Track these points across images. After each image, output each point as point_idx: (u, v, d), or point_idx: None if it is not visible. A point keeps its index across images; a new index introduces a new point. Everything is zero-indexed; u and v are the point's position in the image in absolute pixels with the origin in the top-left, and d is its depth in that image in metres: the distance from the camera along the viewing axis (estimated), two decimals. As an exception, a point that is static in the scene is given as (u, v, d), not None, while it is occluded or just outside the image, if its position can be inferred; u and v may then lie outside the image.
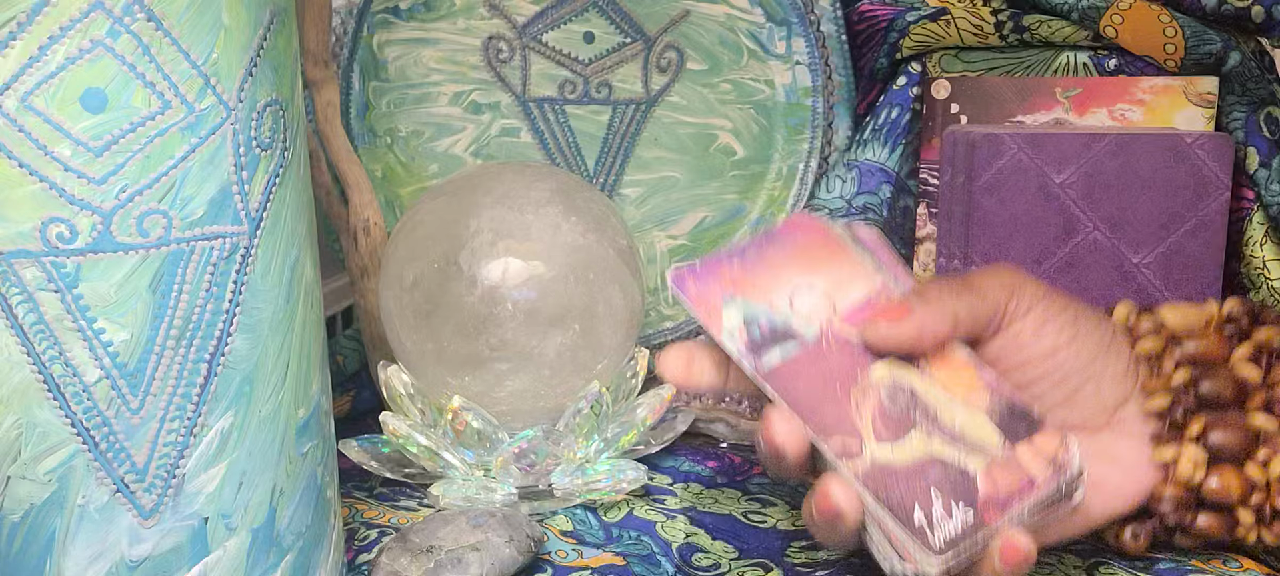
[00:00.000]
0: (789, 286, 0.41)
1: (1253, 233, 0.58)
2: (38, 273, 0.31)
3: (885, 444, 0.37)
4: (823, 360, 0.39)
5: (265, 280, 0.34)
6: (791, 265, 0.42)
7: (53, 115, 0.30)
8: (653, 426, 0.55)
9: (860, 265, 0.42)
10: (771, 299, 0.41)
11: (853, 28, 0.66)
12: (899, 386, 0.39)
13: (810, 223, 0.43)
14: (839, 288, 0.41)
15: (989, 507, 0.36)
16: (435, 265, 0.51)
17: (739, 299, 0.41)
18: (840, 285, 0.41)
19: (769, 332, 0.40)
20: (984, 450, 0.37)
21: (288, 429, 0.36)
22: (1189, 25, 0.58)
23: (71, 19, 0.30)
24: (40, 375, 0.32)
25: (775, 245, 0.42)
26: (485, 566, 0.42)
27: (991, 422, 0.38)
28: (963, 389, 0.39)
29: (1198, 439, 0.41)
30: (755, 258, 0.42)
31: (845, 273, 0.42)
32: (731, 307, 0.40)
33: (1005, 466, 0.37)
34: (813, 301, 0.41)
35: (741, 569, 0.45)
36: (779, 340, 0.40)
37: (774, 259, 0.42)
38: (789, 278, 0.41)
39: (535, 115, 0.66)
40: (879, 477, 0.36)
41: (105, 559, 0.33)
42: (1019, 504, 0.36)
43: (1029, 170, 0.58)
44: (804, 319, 0.40)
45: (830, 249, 0.42)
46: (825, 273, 0.42)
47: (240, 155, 0.33)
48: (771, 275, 0.42)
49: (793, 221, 0.44)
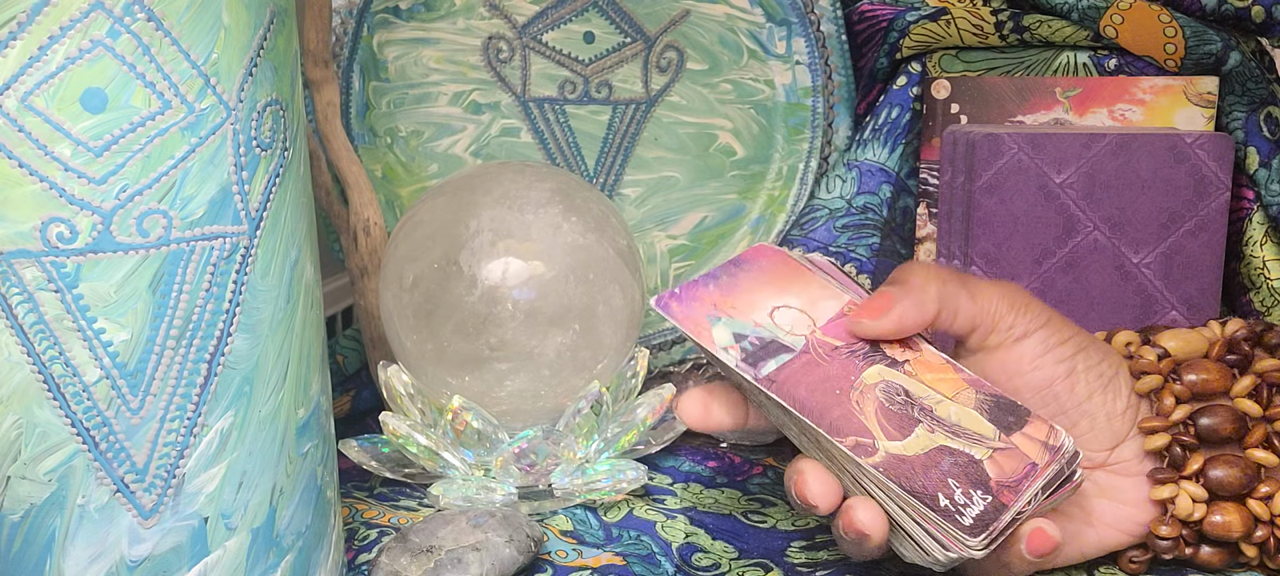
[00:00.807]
0: (766, 305, 0.43)
1: (1253, 233, 0.58)
2: (38, 273, 0.31)
3: (894, 439, 0.38)
4: (816, 368, 0.40)
5: (265, 280, 0.34)
6: (764, 288, 0.43)
7: (53, 115, 0.30)
8: (653, 426, 0.55)
9: (826, 285, 0.44)
10: (753, 317, 0.42)
11: (853, 28, 0.66)
12: (893, 388, 0.40)
13: (771, 250, 0.45)
14: (813, 305, 0.43)
15: (1003, 491, 0.37)
16: (435, 265, 0.51)
17: (723, 318, 0.42)
18: (813, 303, 0.43)
19: (759, 346, 0.41)
20: (983, 440, 0.38)
21: (288, 429, 0.36)
22: (1189, 25, 0.58)
23: (71, 19, 0.30)
24: (40, 375, 0.32)
25: (744, 271, 0.44)
26: (485, 566, 0.42)
27: (983, 415, 0.39)
28: (949, 388, 0.40)
29: (1197, 475, 0.41)
30: (728, 283, 0.43)
31: (814, 292, 0.43)
32: (719, 326, 0.42)
33: (1006, 454, 0.38)
34: (792, 317, 0.42)
35: (741, 569, 0.45)
36: (771, 353, 0.41)
37: (745, 283, 0.44)
38: (765, 298, 0.43)
39: (535, 115, 0.66)
40: (899, 469, 0.37)
41: (105, 559, 0.33)
42: (1028, 486, 0.37)
43: (1029, 170, 0.58)
44: (788, 333, 0.42)
45: (795, 272, 0.44)
46: (796, 293, 0.43)
47: (240, 155, 0.33)
48: (748, 297, 0.43)
49: (755, 250, 0.45)
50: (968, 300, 0.41)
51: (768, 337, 0.41)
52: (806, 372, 0.40)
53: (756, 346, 0.41)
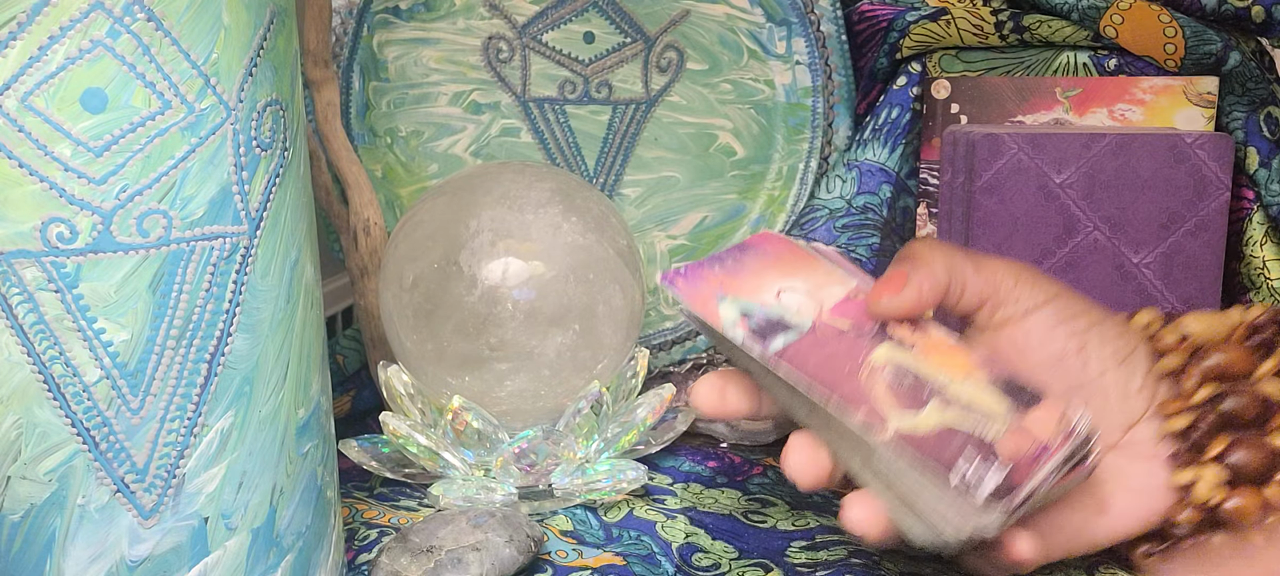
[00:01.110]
0: (773, 287, 0.42)
1: (1253, 233, 0.58)
2: (38, 273, 0.31)
3: (906, 416, 0.37)
4: (824, 346, 0.40)
5: (265, 280, 0.34)
6: (769, 271, 0.43)
7: (53, 115, 0.30)
8: (653, 426, 0.55)
9: (831, 270, 0.43)
10: (760, 297, 0.42)
11: (853, 28, 0.66)
12: (902, 368, 0.39)
13: (776, 237, 0.45)
14: (819, 288, 0.42)
15: (1016, 470, 0.36)
16: (435, 265, 0.51)
17: (730, 297, 0.42)
18: (819, 287, 0.42)
19: (766, 324, 0.41)
20: (996, 418, 0.37)
21: (288, 429, 0.36)
22: (1189, 25, 0.58)
23: (71, 19, 0.30)
24: (40, 375, 0.32)
25: (749, 255, 0.44)
26: (485, 566, 0.42)
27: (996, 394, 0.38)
28: (959, 369, 0.39)
29: (1218, 458, 0.40)
30: (734, 266, 0.43)
31: (820, 276, 0.43)
32: (726, 304, 0.41)
33: (1019, 432, 0.37)
34: (799, 300, 0.42)
35: (741, 569, 0.45)
36: (779, 330, 0.40)
37: (751, 266, 0.43)
38: (771, 281, 0.42)
39: (535, 115, 0.66)
40: (910, 446, 0.37)
41: (105, 559, 0.33)
42: (1043, 464, 0.36)
43: (1029, 170, 0.58)
44: (795, 313, 0.41)
45: (800, 257, 0.44)
46: (802, 276, 0.43)
47: (240, 155, 0.33)
48: (754, 279, 0.43)
49: (760, 236, 0.45)
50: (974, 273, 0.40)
51: (774, 316, 0.41)
52: (815, 350, 0.40)
53: (764, 324, 0.40)
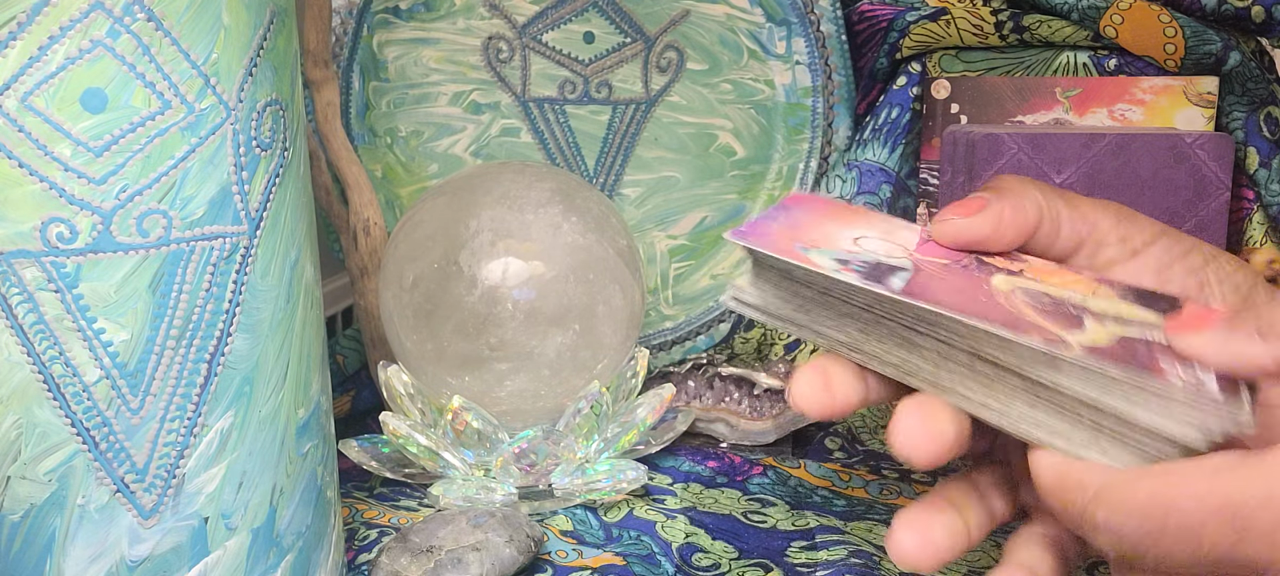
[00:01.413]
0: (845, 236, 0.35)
1: (1253, 233, 0.58)
2: (38, 273, 0.31)
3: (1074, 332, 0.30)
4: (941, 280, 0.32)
5: (265, 280, 0.34)
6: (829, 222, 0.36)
7: (53, 115, 0.30)
8: (653, 426, 0.55)
9: (889, 219, 0.37)
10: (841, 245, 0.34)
11: (853, 28, 0.66)
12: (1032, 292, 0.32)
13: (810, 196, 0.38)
14: (890, 233, 0.35)
15: None
16: (435, 265, 0.51)
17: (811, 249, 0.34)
18: (889, 232, 0.36)
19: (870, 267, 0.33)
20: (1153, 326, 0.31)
21: (288, 429, 0.36)
22: (1189, 25, 0.58)
23: (71, 19, 0.30)
24: (40, 375, 0.32)
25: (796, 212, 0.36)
26: (485, 566, 0.42)
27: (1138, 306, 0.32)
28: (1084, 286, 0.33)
29: None
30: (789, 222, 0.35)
31: (882, 225, 0.36)
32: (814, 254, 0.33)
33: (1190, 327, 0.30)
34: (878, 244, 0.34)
35: (741, 569, 0.45)
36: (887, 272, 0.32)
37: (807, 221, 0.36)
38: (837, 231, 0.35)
39: (535, 115, 0.66)
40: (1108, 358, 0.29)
41: (105, 559, 0.33)
42: None
43: (1029, 170, 0.58)
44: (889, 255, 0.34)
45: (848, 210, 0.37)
46: (864, 225, 0.36)
47: (240, 155, 0.33)
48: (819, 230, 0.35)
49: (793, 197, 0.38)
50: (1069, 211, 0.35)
51: (872, 260, 0.33)
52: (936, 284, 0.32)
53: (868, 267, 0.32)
